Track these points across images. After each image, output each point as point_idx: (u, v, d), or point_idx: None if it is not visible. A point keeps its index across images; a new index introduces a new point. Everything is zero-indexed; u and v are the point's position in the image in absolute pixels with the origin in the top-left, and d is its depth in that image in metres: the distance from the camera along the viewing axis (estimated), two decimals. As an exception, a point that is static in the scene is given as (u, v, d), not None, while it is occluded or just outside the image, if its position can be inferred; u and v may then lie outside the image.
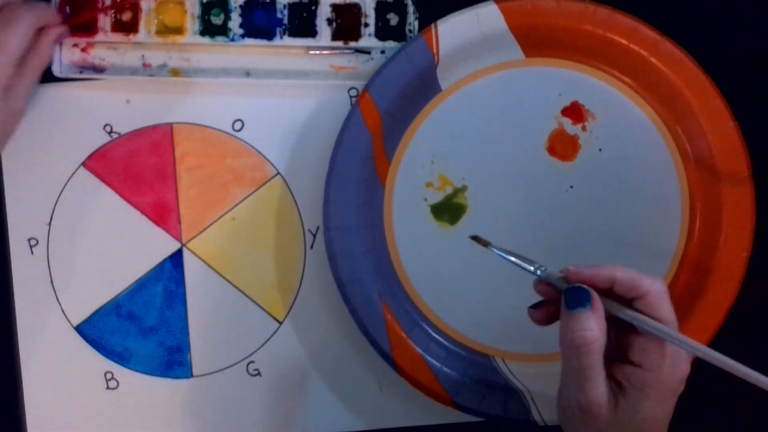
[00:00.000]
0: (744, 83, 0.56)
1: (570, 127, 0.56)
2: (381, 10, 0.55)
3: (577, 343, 0.42)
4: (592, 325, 0.42)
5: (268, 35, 0.55)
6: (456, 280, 0.56)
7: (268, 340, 0.57)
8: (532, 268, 0.45)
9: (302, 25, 0.55)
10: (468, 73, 0.56)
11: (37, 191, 0.56)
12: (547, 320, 0.46)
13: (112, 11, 0.55)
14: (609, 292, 0.43)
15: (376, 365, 0.56)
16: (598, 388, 0.42)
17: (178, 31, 0.55)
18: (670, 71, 0.54)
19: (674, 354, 0.43)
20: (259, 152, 0.57)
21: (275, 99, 0.57)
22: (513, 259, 0.46)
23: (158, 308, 0.57)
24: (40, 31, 0.52)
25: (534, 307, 0.47)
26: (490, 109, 0.56)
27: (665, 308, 0.43)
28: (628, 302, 0.43)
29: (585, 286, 0.43)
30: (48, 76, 0.55)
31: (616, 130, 0.56)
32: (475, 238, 0.48)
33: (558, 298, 0.45)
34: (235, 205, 0.57)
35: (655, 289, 0.43)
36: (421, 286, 0.56)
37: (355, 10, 0.55)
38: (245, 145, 0.57)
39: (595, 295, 0.43)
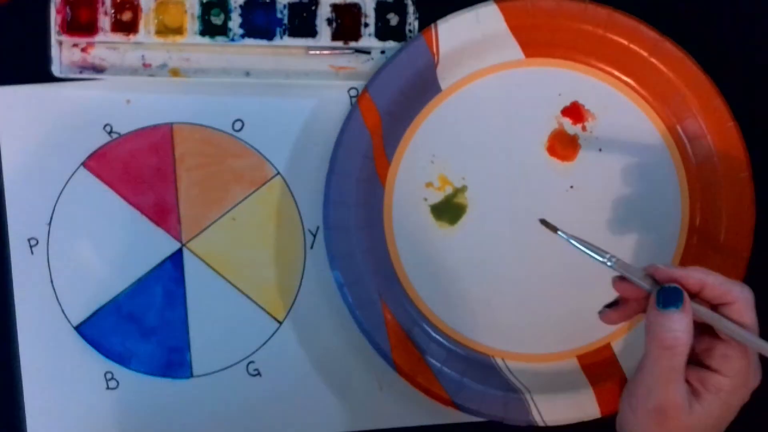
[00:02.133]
0: (744, 83, 0.56)
1: (570, 127, 0.56)
2: (381, 10, 0.55)
3: (669, 343, 0.42)
4: (684, 327, 0.42)
5: (268, 35, 0.55)
6: (456, 280, 0.56)
7: (268, 340, 0.57)
8: (603, 258, 0.45)
9: (302, 25, 0.55)
10: (468, 73, 0.56)
11: (37, 191, 0.56)
12: (621, 320, 0.47)
13: (113, 11, 0.55)
14: (694, 296, 0.44)
15: (376, 365, 0.56)
16: (680, 390, 0.43)
17: (178, 31, 0.55)
18: (670, 71, 0.54)
19: (754, 364, 0.43)
20: (259, 152, 0.57)
21: (275, 99, 0.57)
22: (582, 247, 0.45)
23: (158, 308, 0.57)
24: None
25: (610, 306, 0.47)
26: (490, 109, 0.56)
27: (751, 316, 0.43)
28: (713, 307, 0.44)
29: (679, 287, 0.43)
30: (48, 76, 0.55)
31: (616, 130, 0.56)
32: (543, 221, 0.47)
33: (638, 297, 0.45)
34: (235, 205, 0.57)
35: (744, 296, 0.43)
36: (421, 286, 0.56)
37: (355, 10, 0.55)
38: (245, 145, 0.57)
39: (686, 297, 0.43)
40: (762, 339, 0.43)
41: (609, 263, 0.45)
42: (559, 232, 0.46)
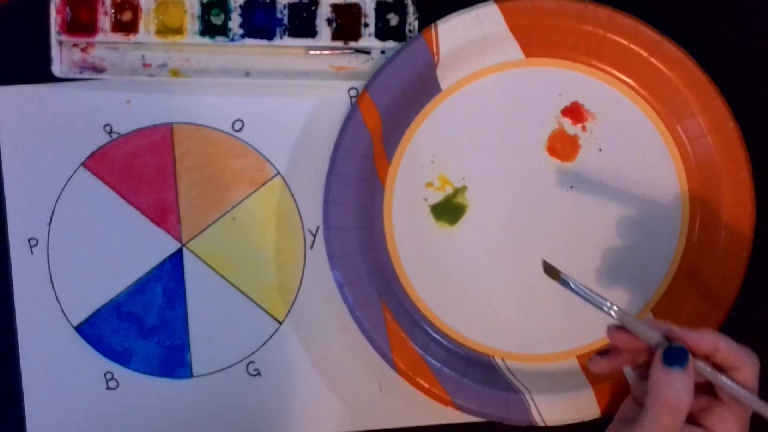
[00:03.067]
0: (744, 83, 0.56)
1: (570, 127, 0.56)
2: (381, 10, 0.55)
3: (672, 402, 0.43)
4: (688, 386, 0.43)
5: (268, 35, 0.55)
6: (456, 280, 0.56)
7: (268, 340, 0.57)
8: (605, 308, 0.45)
9: (302, 25, 0.55)
10: (468, 73, 0.56)
11: (37, 191, 0.56)
12: (611, 369, 0.47)
13: (113, 11, 0.55)
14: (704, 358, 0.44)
15: (376, 365, 0.56)
16: None
17: (178, 31, 0.55)
18: (670, 71, 0.54)
19: (747, 427, 0.44)
20: (259, 152, 0.57)
21: (275, 99, 0.57)
22: (584, 295, 0.45)
23: (158, 308, 0.57)
24: None
25: (603, 354, 0.47)
26: (490, 109, 0.56)
27: (755, 382, 0.44)
28: (715, 368, 0.44)
29: (685, 347, 0.44)
30: (48, 76, 0.55)
31: (616, 130, 0.56)
32: (546, 265, 0.46)
33: (632, 349, 0.45)
34: (235, 205, 0.57)
35: (752, 362, 0.44)
36: (421, 286, 0.56)
37: (355, 10, 0.55)
38: (245, 145, 0.57)
39: (691, 357, 0.44)
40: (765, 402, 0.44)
41: (612, 313, 0.45)
42: (562, 276, 0.45)
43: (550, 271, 0.46)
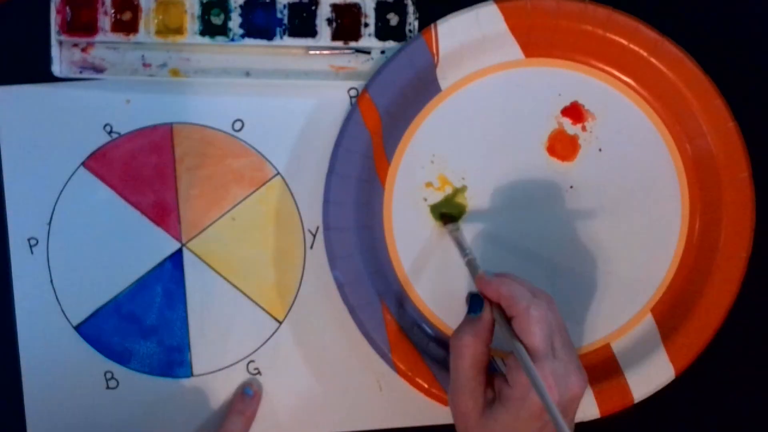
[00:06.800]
0: (744, 83, 0.56)
1: (570, 127, 0.56)
2: (381, 10, 0.55)
3: (456, 352, 0.45)
4: (472, 333, 0.45)
5: (268, 35, 0.55)
6: (456, 281, 0.56)
7: (268, 339, 0.57)
8: (464, 259, 0.50)
9: (302, 25, 0.55)
10: (468, 73, 0.56)
11: (37, 191, 0.56)
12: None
13: (113, 11, 0.55)
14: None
15: (376, 365, 0.56)
16: (466, 400, 0.45)
17: (178, 31, 0.55)
18: (670, 71, 0.54)
19: (528, 382, 0.43)
20: (259, 152, 0.57)
21: (275, 99, 0.57)
22: (455, 239, 0.51)
23: (158, 308, 0.57)
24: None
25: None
26: (490, 109, 0.56)
27: (531, 334, 0.44)
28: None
29: (481, 297, 0.45)
30: (48, 76, 0.55)
31: (616, 130, 0.56)
32: (443, 215, 0.52)
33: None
34: (235, 205, 0.57)
35: (528, 313, 0.44)
36: (420, 286, 0.56)
37: (355, 10, 0.55)
38: (245, 145, 0.57)
39: (486, 308, 0.45)
40: (528, 357, 0.43)
41: (465, 259, 0.50)
42: (447, 226, 0.52)
43: (446, 218, 0.53)
